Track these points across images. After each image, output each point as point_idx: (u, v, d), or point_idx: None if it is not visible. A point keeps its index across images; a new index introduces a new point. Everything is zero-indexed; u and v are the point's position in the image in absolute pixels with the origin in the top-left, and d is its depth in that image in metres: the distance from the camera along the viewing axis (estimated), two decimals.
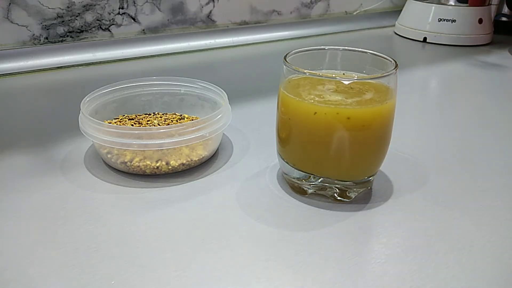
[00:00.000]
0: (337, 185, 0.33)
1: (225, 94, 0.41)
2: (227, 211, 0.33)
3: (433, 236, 0.31)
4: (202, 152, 0.38)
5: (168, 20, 0.74)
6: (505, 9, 0.91)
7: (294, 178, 0.35)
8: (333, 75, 0.32)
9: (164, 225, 0.31)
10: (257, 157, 0.40)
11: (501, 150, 0.43)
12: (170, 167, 0.37)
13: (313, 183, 0.34)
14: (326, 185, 0.33)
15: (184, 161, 0.37)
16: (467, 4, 0.80)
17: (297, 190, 0.35)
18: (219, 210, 0.33)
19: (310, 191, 0.34)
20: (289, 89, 0.33)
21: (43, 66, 0.62)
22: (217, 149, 0.41)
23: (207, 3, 0.77)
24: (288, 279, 0.27)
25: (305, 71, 0.31)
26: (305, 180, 0.34)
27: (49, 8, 0.64)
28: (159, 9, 0.73)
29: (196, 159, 0.38)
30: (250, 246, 0.30)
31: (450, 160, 0.41)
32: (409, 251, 0.29)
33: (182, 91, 0.44)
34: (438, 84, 0.64)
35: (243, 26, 0.82)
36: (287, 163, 0.34)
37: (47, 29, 0.65)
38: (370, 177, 0.34)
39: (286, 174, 0.36)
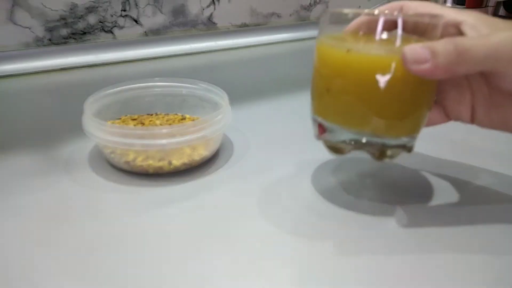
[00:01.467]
0: (377, 142, 0.32)
1: (226, 95, 0.41)
2: (228, 210, 0.33)
3: (434, 236, 0.31)
4: (203, 152, 0.38)
5: (169, 22, 0.75)
6: (502, 11, 0.92)
7: (336, 140, 0.32)
8: (386, 12, 0.30)
9: (166, 224, 0.32)
10: (257, 156, 0.41)
11: (502, 149, 0.43)
12: (172, 167, 0.37)
13: (354, 140, 0.32)
14: (367, 142, 0.32)
15: (186, 161, 0.37)
16: (464, 6, 0.80)
17: (335, 150, 0.33)
18: (220, 209, 0.33)
19: (348, 149, 0.33)
20: (336, 41, 0.31)
21: (46, 67, 0.63)
22: (218, 148, 0.41)
23: (208, 6, 0.77)
24: (288, 279, 0.27)
25: (365, 10, 0.30)
26: (346, 141, 0.32)
27: (52, 10, 0.64)
28: (160, 12, 0.73)
29: (198, 158, 0.38)
30: (251, 246, 0.30)
31: (450, 159, 0.41)
32: (409, 251, 0.29)
33: (184, 92, 0.45)
34: None
35: (243, 28, 0.82)
36: (329, 122, 0.32)
37: (50, 31, 0.65)
38: (412, 136, 0.32)
39: (324, 137, 0.33)
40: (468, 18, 0.31)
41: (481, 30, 0.30)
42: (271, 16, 0.85)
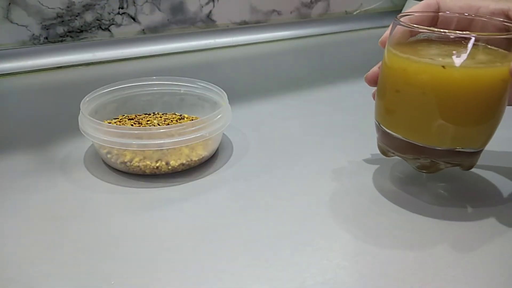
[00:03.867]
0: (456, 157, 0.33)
1: (225, 94, 0.41)
2: (227, 211, 0.33)
3: (434, 236, 0.31)
4: (202, 152, 0.38)
5: (168, 20, 0.74)
6: None
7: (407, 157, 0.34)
8: (459, 33, 0.30)
9: (164, 225, 0.31)
10: (257, 157, 0.41)
11: (502, 147, 0.43)
12: (170, 167, 0.37)
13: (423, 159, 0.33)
14: (436, 160, 0.33)
15: (184, 161, 0.37)
16: None
17: (422, 168, 0.34)
18: (219, 210, 0.33)
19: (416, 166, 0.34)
20: (421, 57, 0.31)
21: (43, 66, 0.62)
22: (217, 149, 0.41)
23: (207, 3, 0.77)
24: (288, 280, 0.27)
25: (430, 29, 0.31)
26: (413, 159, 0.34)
27: (48, 8, 0.64)
28: (159, 9, 0.73)
29: (196, 159, 0.38)
30: (250, 246, 0.30)
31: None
32: (409, 251, 0.29)
33: (182, 91, 0.44)
34: None
35: (243, 26, 0.82)
36: (410, 139, 0.33)
37: (47, 29, 0.65)
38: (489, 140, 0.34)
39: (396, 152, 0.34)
40: (511, 4, 0.32)
41: None
42: (271, 14, 0.85)
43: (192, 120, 0.40)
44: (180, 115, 0.44)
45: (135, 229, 0.31)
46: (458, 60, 0.30)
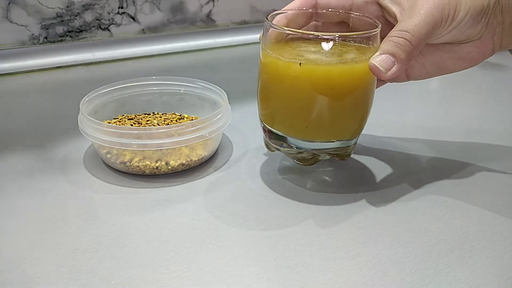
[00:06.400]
0: (333, 147, 0.34)
1: (225, 94, 0.41)
2: (227, 212, 0.33)
3: (434, 236, 0.31)
4: (201, 152, 0.38)
5: (167, 19, 0.74)
6: None
7: (291, 151, 0.35)
8: (316, 33, 0.31)
9: (164, 225, 0.31)
10: (257, 157, 0.40)
11: (501, 149, 0.43)
12: (169, 167, 0.36)
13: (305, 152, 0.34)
14: (317, 153, 0.34)
15: (184, 161, 0.37)
16: None
17: (303, 161, 0.35)
18: (218, 210, 0.33)
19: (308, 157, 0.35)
20: (276, 51, 0.32)
21: (42, 65, 0.62)
22: (217, 149, 0.41)
23: (207, 3, 0.77)
24: (288, 280, 0.27)
25: (286, 29, 0.32)
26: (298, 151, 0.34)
27: (48, 7, 0.64)
28: (158, 9, 0.73)
29: (196, 159, 0.38)
30: (250, 246, 0.30)
31: (451, 159, 0.41)
32: (409, 251, 0.29)
33: (181, 91, 0.44)
34: (438, 84, 0.64)
35: (243, 25, 0.82)
36: (289, 136, 0.34)
37: (47, 29, 0.65)
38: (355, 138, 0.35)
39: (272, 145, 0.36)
40: None
41: (401, 2, 0.32)
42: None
43: (192, 120, 0.40)
44: (180, 115, 0.44)
45: (135, 229, 0.31)
46: (317, 56, 0.31)
